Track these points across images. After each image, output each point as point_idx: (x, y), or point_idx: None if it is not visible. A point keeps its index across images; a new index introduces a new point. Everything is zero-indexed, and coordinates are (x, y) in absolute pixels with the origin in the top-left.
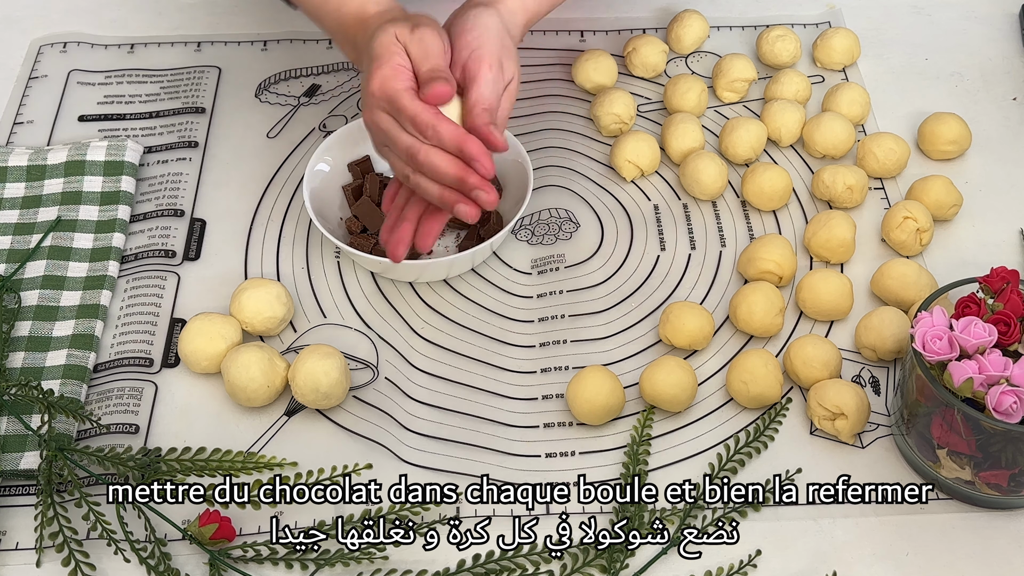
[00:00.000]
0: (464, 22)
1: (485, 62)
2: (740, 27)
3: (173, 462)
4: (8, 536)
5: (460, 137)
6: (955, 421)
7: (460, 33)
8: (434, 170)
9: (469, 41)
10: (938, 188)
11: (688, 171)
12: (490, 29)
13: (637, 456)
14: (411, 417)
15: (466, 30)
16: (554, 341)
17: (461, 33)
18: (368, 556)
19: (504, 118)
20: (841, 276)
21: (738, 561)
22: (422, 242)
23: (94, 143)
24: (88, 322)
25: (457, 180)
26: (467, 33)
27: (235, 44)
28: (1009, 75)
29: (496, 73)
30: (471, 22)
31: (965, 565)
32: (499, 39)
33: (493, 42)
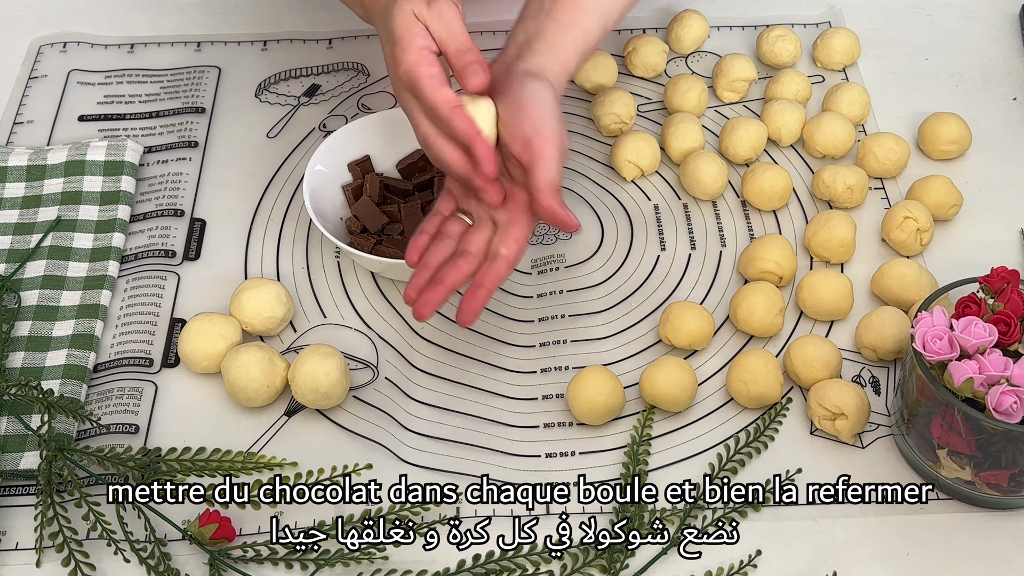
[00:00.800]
0: (523, 94)
1: (551, 141)
2: (740, 27)
3: (173, 462)
4: (8, 536)
5: (471, 136)
6: (955, 421)
7: (522, 106)
8: (443, 163)
9: (532, 118)
10: (938, 188)
11: (688, 171)
12: (551, 107)
13: (637, 456)
14: (411, 417)
15: (526, 103)
16: (554, 341)
17: (523, 107)
18: (368, 556)
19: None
20: (841, 276)
21: (738, 561)
22: (464, 318)
23: (94, 143)
24: (88, 322)
25: (464, 178)
26: (528, 107)
27: (235, 44)
28: (1009, 75)
29: (563, 153)
30: (530, 95)
31: (965, 565)
32: (559, 117)
33: (555, 120)
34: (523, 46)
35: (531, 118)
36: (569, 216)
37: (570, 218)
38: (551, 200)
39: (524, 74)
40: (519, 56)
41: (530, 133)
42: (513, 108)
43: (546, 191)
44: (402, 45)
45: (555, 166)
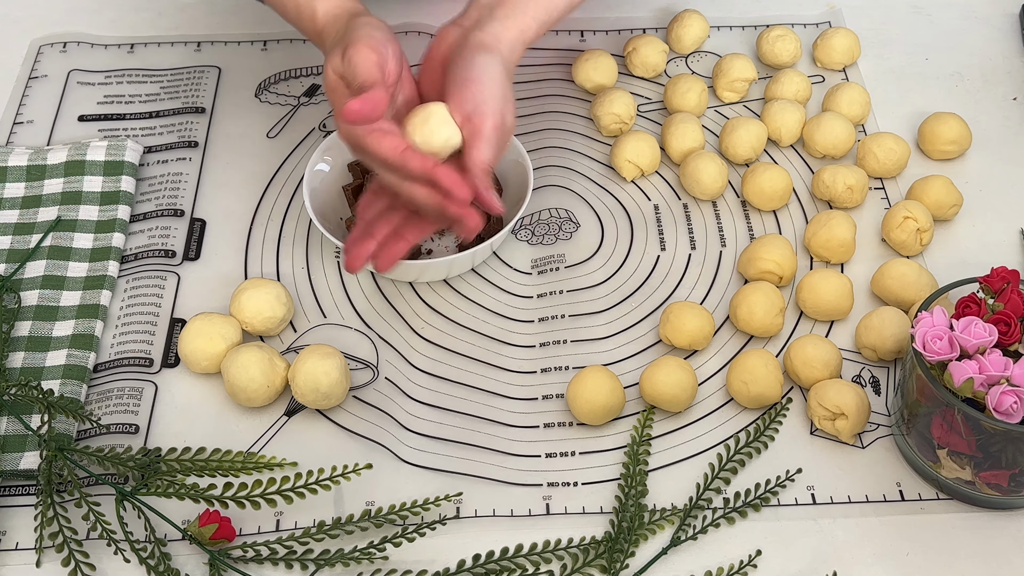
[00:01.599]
0: (469, 69)
1: (489, 119)
2: (740, 27)
3: (173, 462)
4: (8, 536)
5: (429, 171)
6: (955, 421)
7: (465, 81)
8: (417, 203)
9: (473, 93)
10: (938, 188)
11: (688, 171)
12: (495, 80)
13: (637, 456)
14: (411, 417)
15: (471, 79)
16: (554, 341)
17: (466, 82)
18: (368, 556)
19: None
20: (841, 276)
21: (738, 561)
22: (381, 264)
23: (94, 143)
24: (88, 322)
25: (438, 210)
26: (471, 83)
27: (235, 44)
28: (1009, 75)
29: (499, 132)
30: (476, 70)
31: (965, 565)
32: (503, 90)
33: (497, 95)
34: (484, 11)
35: (472, 93)
36: (492, 199)
37: (492, 201)
38: (477, 180)
39: (476, 46)
40: (478, 22)
41: (470, 109)
42: (459, 83)
43: (474, 170)
44: (334, 108)
45: (489, 145)
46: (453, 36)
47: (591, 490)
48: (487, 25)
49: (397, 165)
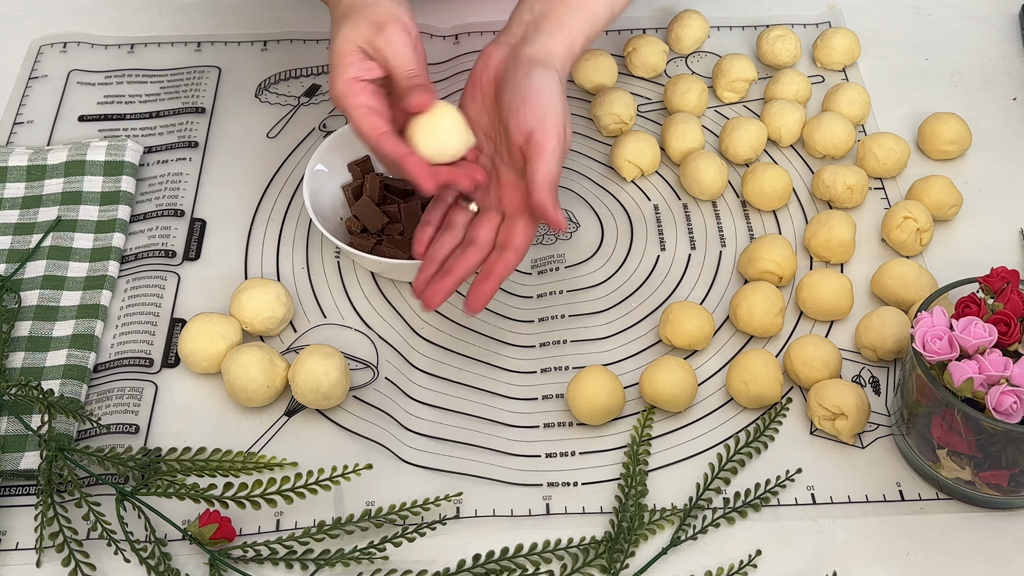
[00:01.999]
0: (528, 85)
1: (553, 135)
2: (740, 27)
3: (173, 462)
4: (8, 536)
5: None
6: (955, 421)
7: (523, 98)
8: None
9: (536, 108)
10: (938, 188)
11: (688, 171)
12: (555, 95)
13: (637, 456)
14: (411, 417)
15: (530, 95)
16: (554, 341)
17: (525, 98)
18: (368, 556)
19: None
20: (841, 276)
21: (738, 561)
22: (474, 306)
23: (94, 143)
24: (88, 322)
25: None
26: (532, 99)
27: (235, 44)
28: (1009, 75)
29: (563, 145)
30: (535, 86)
31: (965, 565)
32: (563, 107)
33: (559, 111)
34: (529, 27)
35: (535, 109)
36: (559, 216)
37: (559, 218)
38: (544, 197)
39: (530, 62)
40: (524, 39)
41: (533, 125)
42: (518, 99)
43: (542, 186)
44: (333, 73)
45: (554, 161)
46: (500, 55)
47: (591, 490)
48: (536, 40)
49: (373, 145)
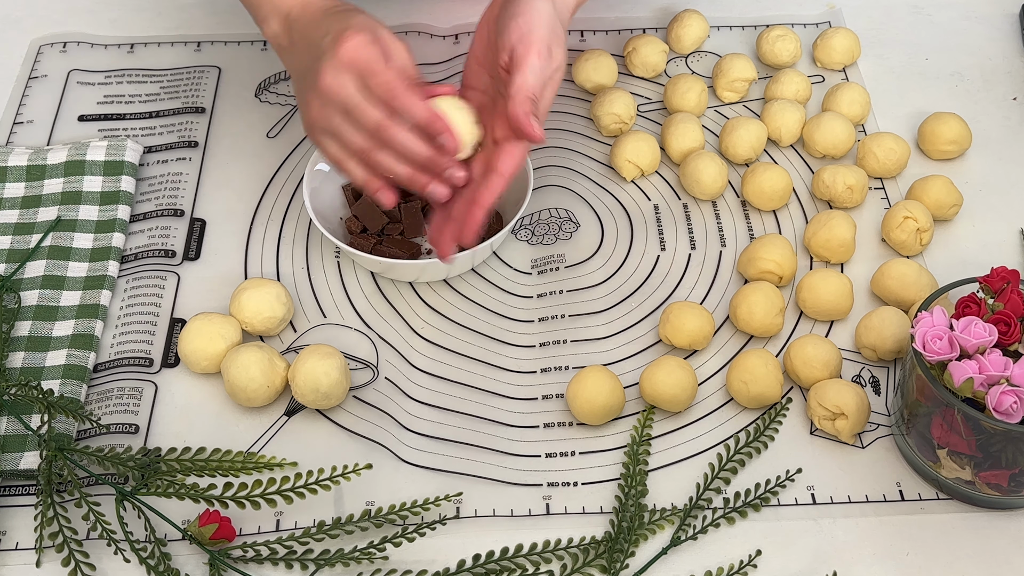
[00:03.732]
0: (516, 5)
1: (534, 48)
2: (740, 27)
3: (173, 462)
4: (8, 536)
5: (431, 113)
6: (955, 421)
7: (511, 17)
8: (404, 148)
9: (519, 24)
10: (938, 188)
11: (688, 171)
12: (541, 14)
13: (637, 456)
14: (411, 417)
15: (517, 13)
16: (554, 341)
17: (512, 17)
18: (368, 556)
19: (546, 108)
20: (841, 276)
21: (738, 561)
22: (465, 238)
23: (94, 143)
24: (88, 322)
25: (428, 160)
26: (518, 17)
27: (235, 44)
28: (1009, 75)
29: (544, 60)
30: (523, 6)
31: (965, 565)
32: (550, 25)
33: (543, 27)
34: None
35: (519, 25)
36: (533, 127)
37: (533, 130)
38: (518, 106)
39: None
40: None
41: (515, 40)
42: (507, 18)
43: (516, 96)
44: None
45: (533, 74)
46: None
47: (591, 490)
48: None
49: (402, 94)
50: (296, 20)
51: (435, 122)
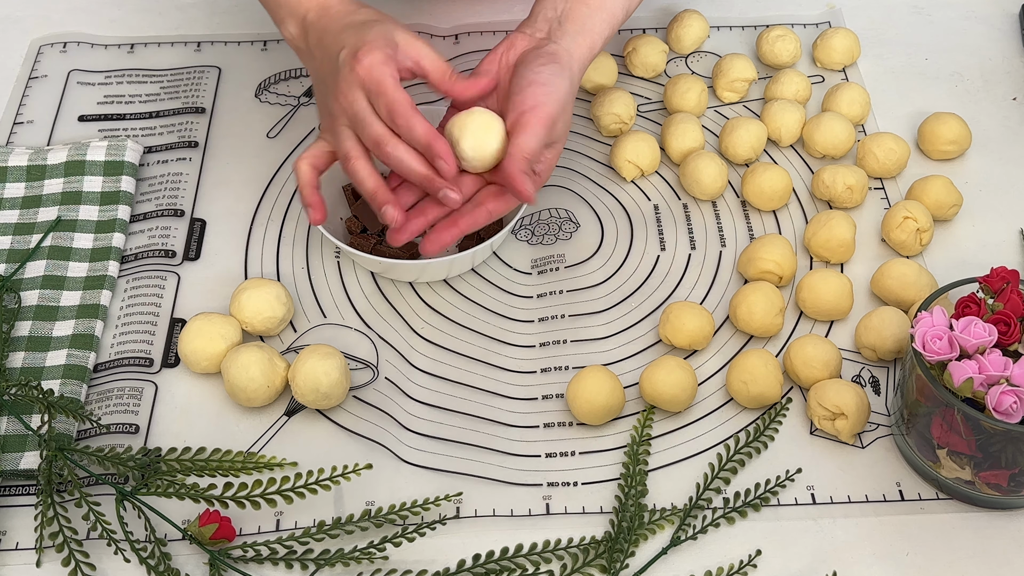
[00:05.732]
0: (538, 75)
1: (542, 120)
2: (740, 27)
3: (173, 462)
4: (8, 536)
5: (431, 135)
6: (955, 421)
7: (531, 82)
8: (400, 165)
9: (537, 94)
10: (938, 188)
11: (688, 171)
12: (560, 93)
13: (637, 456)
14: (411, 417)
15: (538, 83)
16: (554, 341)
17: (531, 84)
18: (368, 556)
19: (546, 174)
20: (841, 276)
21: (738, 561)
22: (429, 248)
23: (94, 143)
24: (88, 322)
25: (423, 178)
26: (538, 86)
27: (235, 44)
28: (1009, 75)
29: (547, 130)
30: (544, 76)
31: (965, 565)
32: (564, 104)
33: (557, 105)
34: (553, 24)
35: (535, 94)
36: (526, 186)
37: (526, 188)
38: (513, 165)
39: (549, 57)
40: (549, 35)
41: (527, 107)
42: (524, 82)
43: (516, 156)
44: (370, 46)
45: (535, 138)
46: (525, 44)
47: (591, 490)
48: (560, 40)
49: (404, 115)
50: (313, 25)
51: (434, 144)
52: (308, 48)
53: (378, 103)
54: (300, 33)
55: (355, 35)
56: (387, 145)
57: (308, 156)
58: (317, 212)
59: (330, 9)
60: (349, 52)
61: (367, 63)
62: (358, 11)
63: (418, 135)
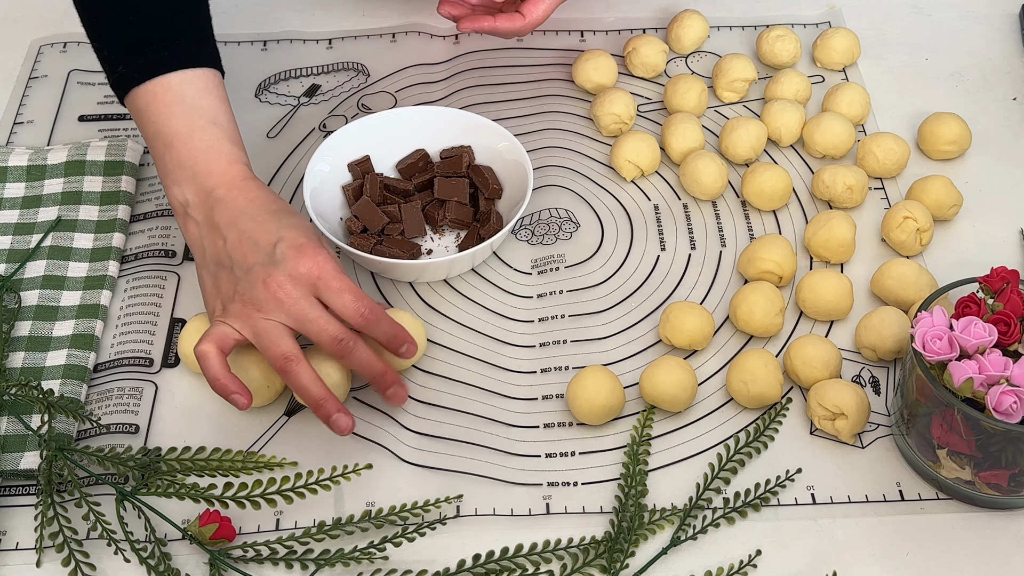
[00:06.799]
0: None
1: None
2: (740, 27)
3: (173, 462)
4: (8, 536)
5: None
6: (955, 421)
7: None
8: (361, 364)
9: None
10: (938, 188)
11: (688, 171)
12: None
13: (637, 456)
14: (411, 417)
15: None
16: (554, 341)
17: None
18: (368, 556)
19: None
20: (841, 276)
21: (738, 561)
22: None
23: (94, 143)
24: (88, 322)
25: (380, 375)
26: None
27: (235, 44)
28: (1009, 75)
29: None
30: None
31: (965, 565)
32: None
33: None
34: None
35: None
36: None
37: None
38: None
39: None
40: None
41: None
42: None
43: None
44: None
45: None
46: None
47: (591, 490)
48: None
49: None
50: (222, 202)
51: (400, 333)
52: (212, 223)
53: (331, 300)
54: (200, 203)
55: (288, 228)
56: (348, 343)
57: (213, 340)
58: (244, 396)
59: (243, 190)
60: (288, 245)
61: (315, 260)
62: (276, 200)
63: (386, 327)
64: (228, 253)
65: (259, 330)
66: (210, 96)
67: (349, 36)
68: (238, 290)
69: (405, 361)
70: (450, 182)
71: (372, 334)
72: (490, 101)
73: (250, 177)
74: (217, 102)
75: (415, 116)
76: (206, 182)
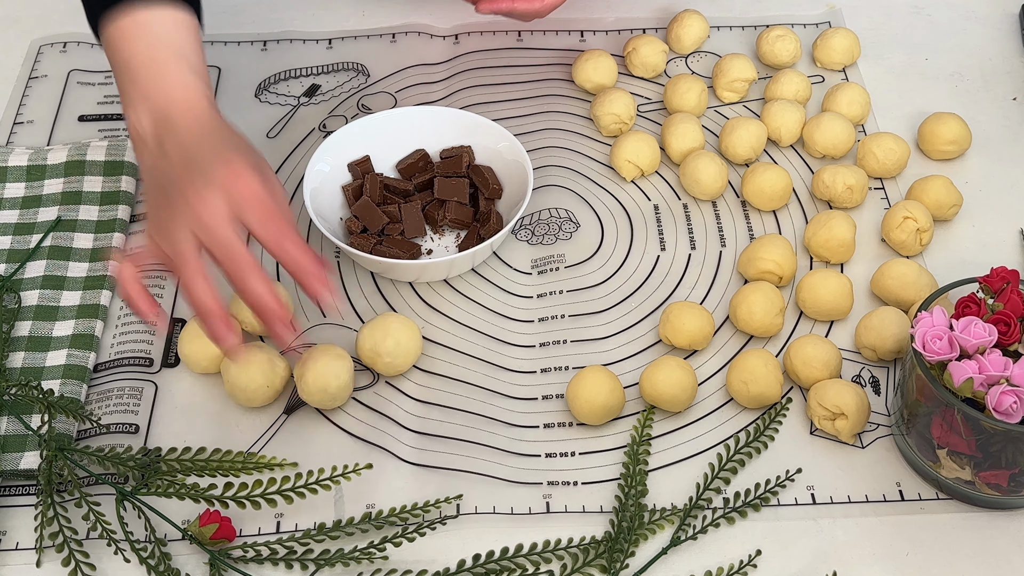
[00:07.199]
0: None
1: None
2: (740, 27)
3: (173, 462)
4: (8, 536)
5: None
6: (955, 421)
7: None
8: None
9: None
10: (938, 188)
11: (688, 171)
12: None
13: (637, 456)
14: (411, 417)
15: None
16: (554, 341)
17: None
18: (368, 556)
19: None
20: (841, 276)
21: (738, 561)
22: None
23: (94, 143)
24: (88, 322)
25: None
26: None
27: (235, 44)
28: (1009, 75)
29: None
30: None
31: (965, 565)
32: None
33: None
34: None
35: None
36: None
37: None
38: None
39: None
40: None
41: None
42: None
43: None
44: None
45: None
46: None
47: (591, 490)
48: None
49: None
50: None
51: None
52: (162, 148)
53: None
54: (154, 129)
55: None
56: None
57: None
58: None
59: (199, 116)
60: (224, 165)
61: (246, 177)
62: (234, 133)
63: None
64: (168, 175)
65: (172, 237)
66: (179, 32)
67: (349, 36)
68: (167, 205)
69: (405, 362)
70: (450, 182)
71: (280, 261)
72: (490, 101)
73: (209, 107)
74: (187, 39)
75: (415, 116)
76: (164, 108)
